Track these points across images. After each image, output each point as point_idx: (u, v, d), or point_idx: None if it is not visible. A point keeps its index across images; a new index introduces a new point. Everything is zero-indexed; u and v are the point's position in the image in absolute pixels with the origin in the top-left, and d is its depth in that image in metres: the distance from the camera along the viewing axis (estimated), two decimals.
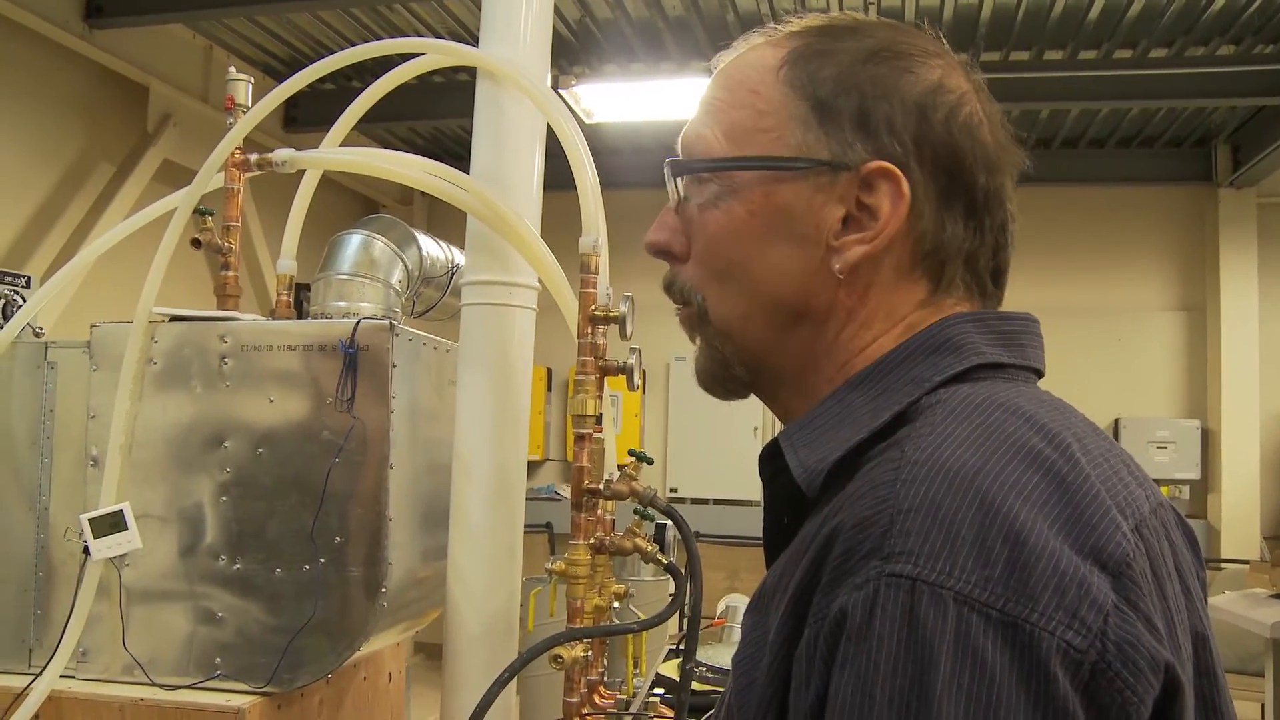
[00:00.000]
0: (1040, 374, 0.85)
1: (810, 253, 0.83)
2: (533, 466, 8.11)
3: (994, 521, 0.62)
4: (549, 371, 8.06)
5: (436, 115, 6.59)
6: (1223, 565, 6.86)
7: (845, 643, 0.63)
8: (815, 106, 0.83)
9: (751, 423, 7.54)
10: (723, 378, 0.91)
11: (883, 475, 0.68)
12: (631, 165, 6.75)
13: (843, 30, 0.86)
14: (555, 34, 5.46)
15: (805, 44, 0.86)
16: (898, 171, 0.80)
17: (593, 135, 6.68)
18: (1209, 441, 7.33)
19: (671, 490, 7.72)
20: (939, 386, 0.77)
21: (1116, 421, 7.34)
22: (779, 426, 0.88)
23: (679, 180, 0.89)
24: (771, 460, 0.84)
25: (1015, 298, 0.90)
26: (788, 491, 0.81)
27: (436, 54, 2.04)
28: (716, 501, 7.63)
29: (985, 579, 0.60)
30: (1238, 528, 7.12)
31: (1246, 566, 5.50)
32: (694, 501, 7.58)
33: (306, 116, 6.38)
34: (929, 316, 0.83)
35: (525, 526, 2.01)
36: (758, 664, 0.72)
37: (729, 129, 0.86)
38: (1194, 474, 7.22)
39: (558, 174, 1.91)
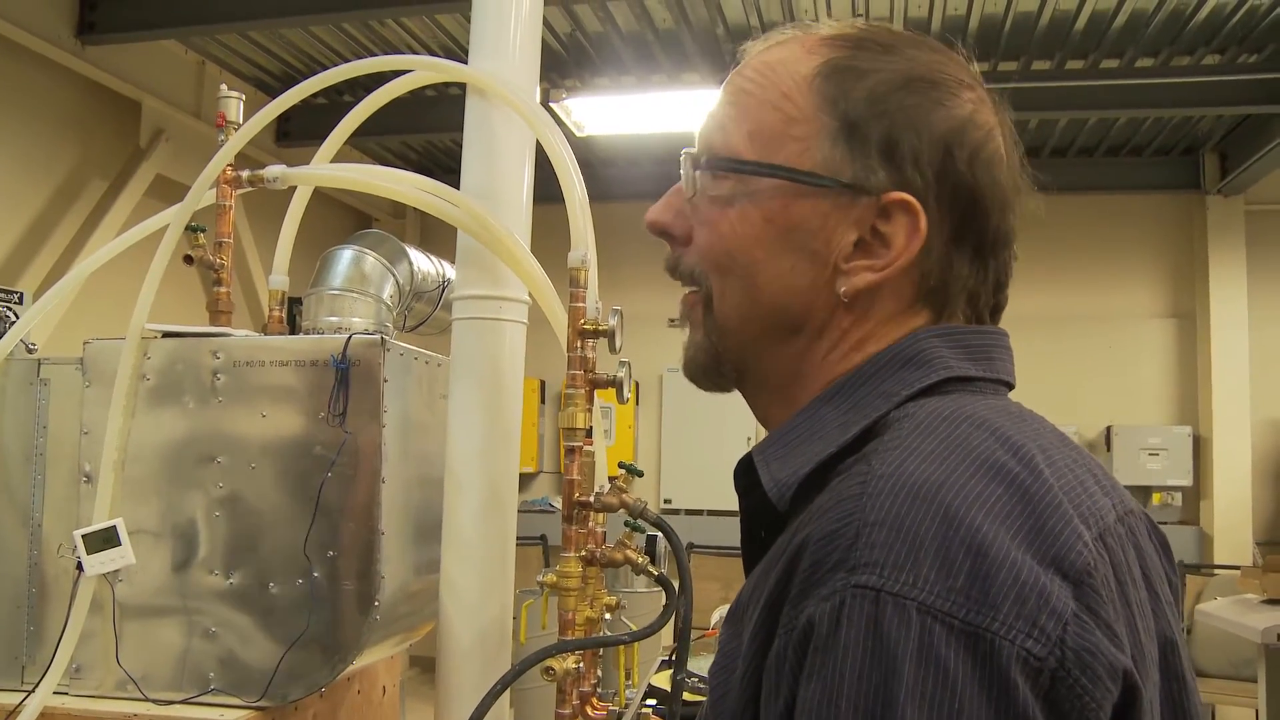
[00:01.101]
0: (1010, 386, 0.86)
1: (818, 270, 0.83)
2: (527, 479, 8.11)
3: (956, 533, 0.64)
4: (542, 384, 8.07)
5: (429, 129, 6.61)
6: (1216, 571, 6.88)
7: (812, 652, 0.64)
8: (845, 125, 0.82)
9: (744, 434, 7.54)
10: (710, 370, 0.91)
11: (849, 489, 0.69)
12: (623, 178, 6.78)
13: (880, 47, 0.85)
14: (546, 47, 5.49)
15: (842, 57, 0.84)
16: (918, 205, 0.80)
17: (584, 148, 6.72)
18: (1200, 448, 7.35)
19: (665, 501, 7.73)
20: (908, 400, 0.78)
21: (1108, 429, 7.37)
22: None
23: (696, 172, 0.88)
24: (745, 474, 0.85)
25: (1007, 306, 0.91)
26: (762, 504, 0.82)
27: (425, 70, 2.06)
28: (710, 513, 7.63)
29: (948, 590, 0.62)
30: (1230, 533, 7.14)
31: (1238, 572, 5.52)
32: (688, 513, 7.59)
33: (299, 130, 6.40)
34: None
35: (519, 539, 2.02)
36: (732, 674, 0.73)
37: (755, 129, 0.85)
38: (1186, 480, 7.24)
39: (548, 186, 1.93)
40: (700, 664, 2.64)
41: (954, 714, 0.60)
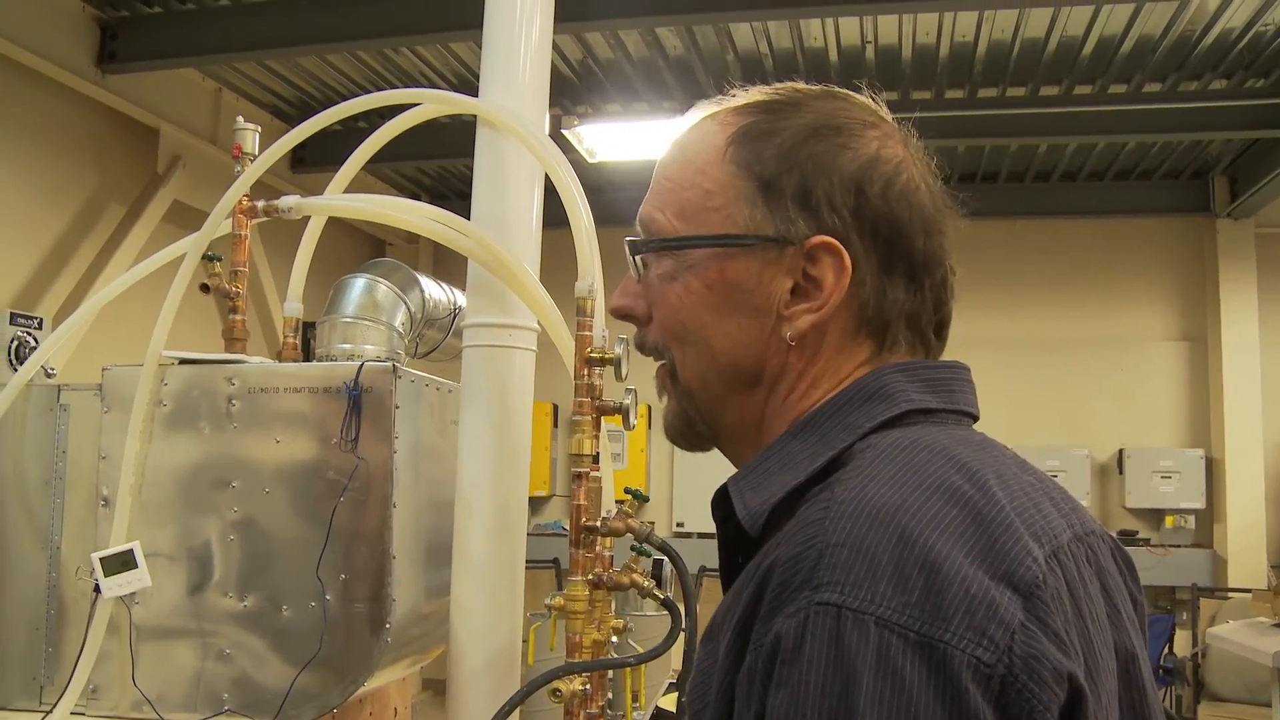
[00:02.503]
0: (974, 417, 0.90)
1: (763, 322, 0.89)
2: (539, 502, 8.12)
3: (911, 552, 0.68)
4: (555, 408, 8.09)
5: (442, 155, 6.67)
6: (1230, 594, 6.86)
7: (780, 665, 0.69)
8: (760, 185, 0.88)
9: None
10: (687, 433, 0.98)
11: (813, 514, 0.74)
12: (633, 202, 6.70)
13: (786, 106, 0.92)
14: (558, 74, 5.55)
15: (751, 123, 0.91)
16: (839, 245, 0.86)
17: (596, 173, 6.76)
18: (1213, 471, 7.33)
19: (678, 525, 7.74)
20: (871, 432, 0.83)
21: (1120, 452, 7.36)
22: None
23: (637, 257, 0.95)
24: (722, 504, 0.90)
25: (1016, 331, 0.95)
26: (737, 532, 0.87)
27: (435, 104, 2.10)
28: None
29: (903, 604, 0.66)
30: (1245, 557, 7.10)
31: (1249, 595, 5.50)
32: (700, 536, 7.59)
33: (314, 157, 6.47)
34: (868, 373, 0.89)
35: (531, 562, 2.04)
36: (709, 690, 0.78)
37: (680, 209, 0.93)
38: (1199, 503, 7.21)
39: (558, 211, 1.96)
40: None
41: (911, 718, 0.64)
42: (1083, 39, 5.19)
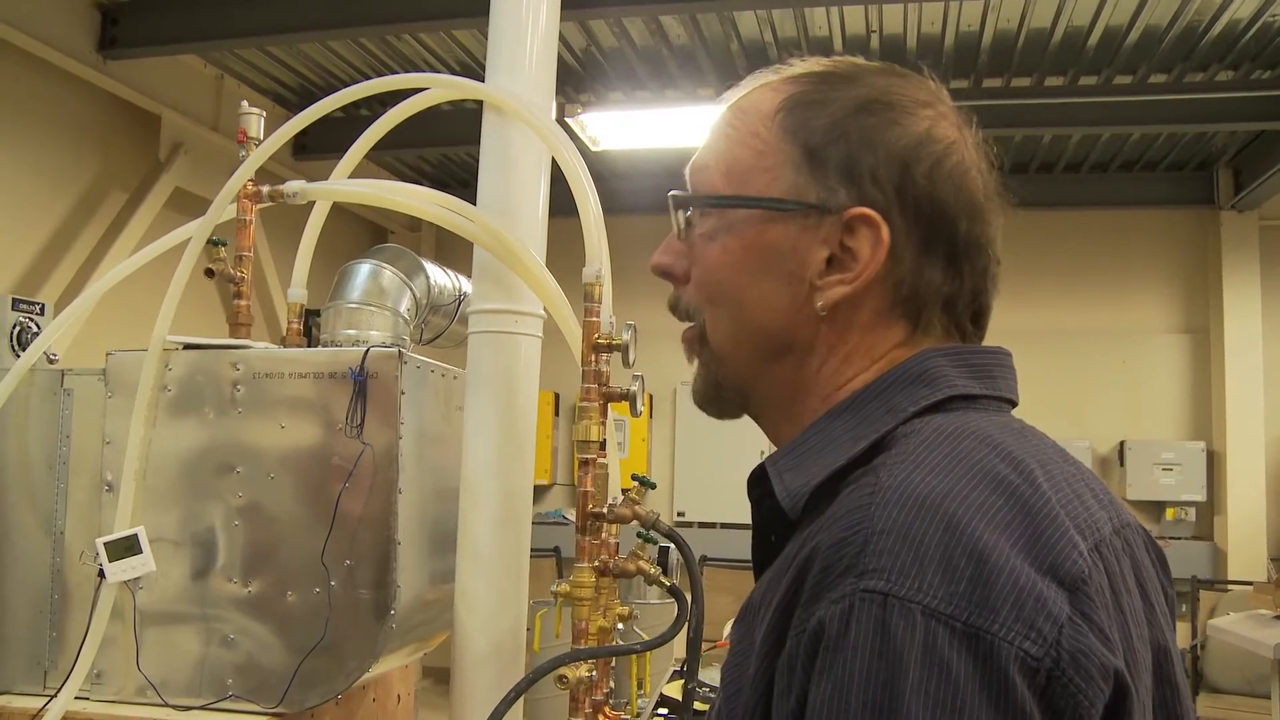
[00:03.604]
0: (1013, 403, 0.89)
1: (795, 289, 0.88)
2: (541, 491, 8.13)
3: (959, 541, 0.68)
4: (556, 396, 8.09)
5: (445, 143, 6.66)
6: (1230, 587, 6.86)
7: (823, 652, 0.68)
8: (806, 152, 0.88)
9: (758, 447, 7.53)
10: (715, 399, 0.97)
11: (859, 499, 0.73)
12: (637, 190, 6.80)
13: (840, 78, 0.91)
14: (561, 62, 5.54)
15: (803, 91, 0.91)
16: (878, 218, 0.85)
17: (599, 161, 6.75)
18: (1214, 463, 7.33)
19: (679, 514, 7.74)
20: (914, 416, 0.82)
21: (1122, 444, 7.35)
22: None
23: (682, 212, 0.94)
24: (758, 483, 0.89)
25: (1018, 321, 0.94)
26: (773, 513, 0.86)
27: (442, 88, 2.09)
28: (723, 525, 7.64)
29: (950, 594, 0.66)
30: (1245, 549, 7.11)
31: (1251, 588, 5.50)
32: (701, 525, 7.60)
33: (316, 144, 6.45)
34: (907, 355, 0.88)
35: (533, 550, 2.04)
36: (744, 673, 0.77)
37: (730, 166, 0.92)
38: (1200, 496, 7.22)
39: (563, 199, 1.96)
40: (711, 674, 2.65)
41: (957, 710, 0.64)
42: (1088, 29, 5.17)
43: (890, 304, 0.88)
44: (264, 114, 2.31)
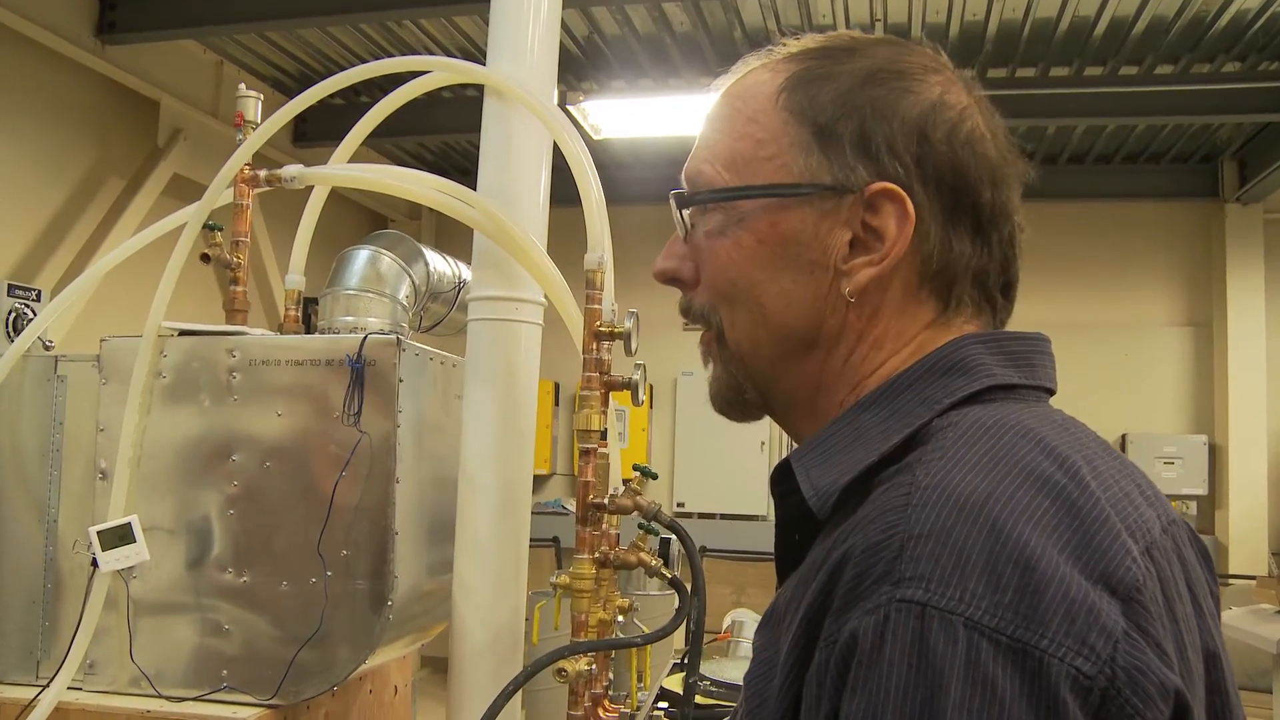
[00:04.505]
0: (1052, 393, 0.85)
1: (819, 278, 0.83)
2: (540, 481, 8.11)
3: (1004, 547, 0.62)
4: (556, 386, 8.07)
5: (444, 130, 6.62)
6: (1230, 581, 6.84)
7: (856, 667, 0.63)
8: (816, 132, 0.83)
9: (758, 438, 7.54)
10: (736, 402, 0.92)
11: (893, 500, 0.68)
12: (638, 180, 6.78)
13: (841, 51, 0.86)
14: (563, 50, 5.50)
15: (804, 68, 0.86)
16: (901, 192, 0.80)
17: (600, 150, 6.72)
18: (1216, 457, 7.31)
19: (678, 505, 7.72)
20: (950, 408, 0.77)
21: (1124, 437, 7.33)
22: (786, 441, 0.89)
23: (684, 212, 0.89)
24: (783, 479, 0.84)
25: (1022, 313, 0.91)
26: (799, 511, 0.81)
27: (444, 71, 2.06)
28: (723, 516, 7.63)
29: (995, 605, 0.61)
30: (1246, 543, 7.10)
31: (1253, 582, 5.48)
32: (700, 516, 7.58)
33: (315, 131, 6.42)
34: (939, 336, 0.83)
35: (531, 541, 2.01)
36: (769, 683, 0.73)
37: (730, 160, 0.87)
38: (1201, 489, 7.20)
39: (563, 188, 1.93)
40: (711, 667, 2.63)
41: None
42: (1094, 19, 5.13)
43: (919, 282, 0.83)
44: (262, 97, 2.28)
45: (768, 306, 0.85)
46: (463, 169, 7.66)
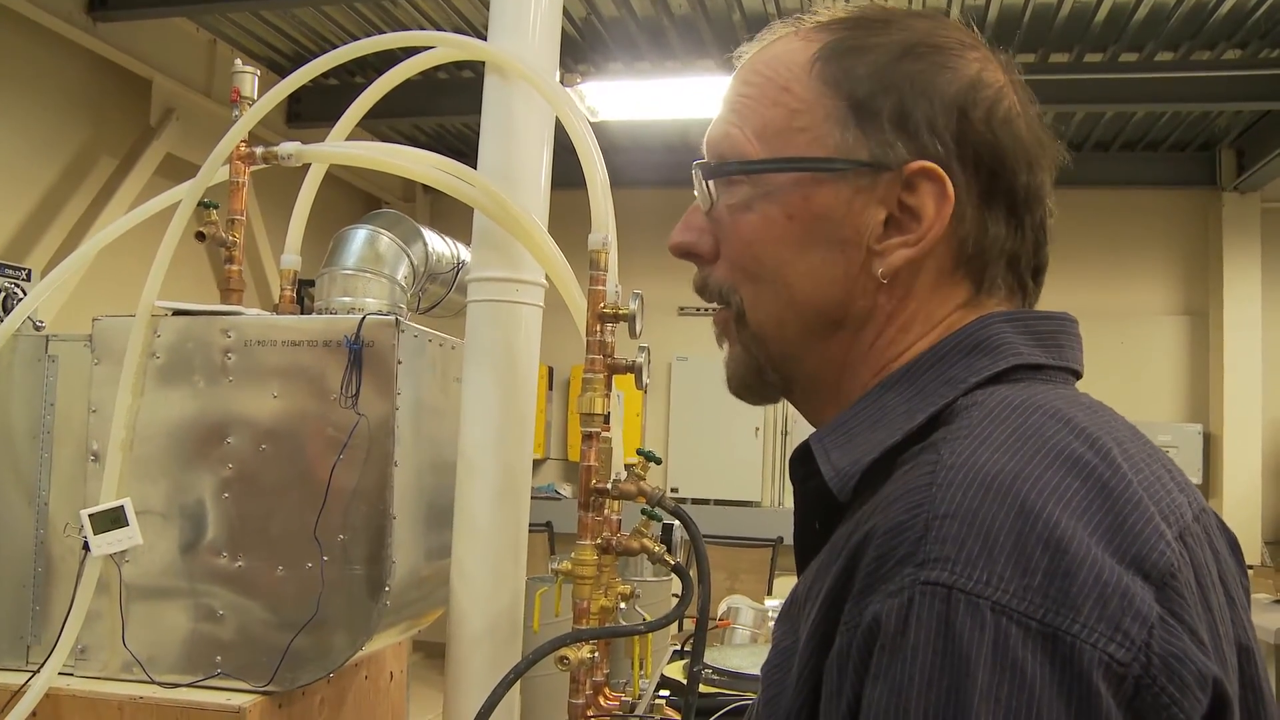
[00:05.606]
0: (1079, 375, 0.83)
1: (851, 257, 0.81)
2: (534, 465, 8.09)
3: (1033, 528, 0.60)
4: (550, 370, 8.04)
5: (440, 112, 6.57)
6: None
7: (879, 652, 0.61)
8: (852, 105, 0.80)
9: (753, 423, 7.53)
10: (755, 384, 0.89)
11: (917, 479, 0.65)
12: (636, 164, 6.74)
13: (876, 23, 0.83)
14: (561, 31, 5.46)
15: (839, 38, 0.83)
16: (941, 172, 0.78)
17: (597, 132, 6.65)
18: (1211, 446, 7.32)
19: (673, 490, 7.71)
20: (976, 388, 0.75)
21: None
22: (780, 427, 0.86)
23: (709, 183, 0.86)
24: (803, 462, 0.81)
25: None
26: (819, 495, 0.78)
27: (446, 48, 2.02)
28: (718, 502, 7.62)
29: (1024, 588, 0.58)
30: (1240, 532, 6.80)
31: (1250, 572, 5.48)
32: (695, 501, 7.57)
33: (310, 111, 6.36)
34: (968, 318, 0.81)
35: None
36: (788, 672, 0.70)
37: (760, 128, 0.83)
38: (1196, 478, 7.20)
39: (564, 171, 1.89)
40: (711, 654, 2.61)
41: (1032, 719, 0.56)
42: (1095, 5, 5.10)
43: (953, 264, 0.81)
44: (258, 73, 2.24)
45: (794, 285, 0.82)
46: (459, 151, 7.61)
